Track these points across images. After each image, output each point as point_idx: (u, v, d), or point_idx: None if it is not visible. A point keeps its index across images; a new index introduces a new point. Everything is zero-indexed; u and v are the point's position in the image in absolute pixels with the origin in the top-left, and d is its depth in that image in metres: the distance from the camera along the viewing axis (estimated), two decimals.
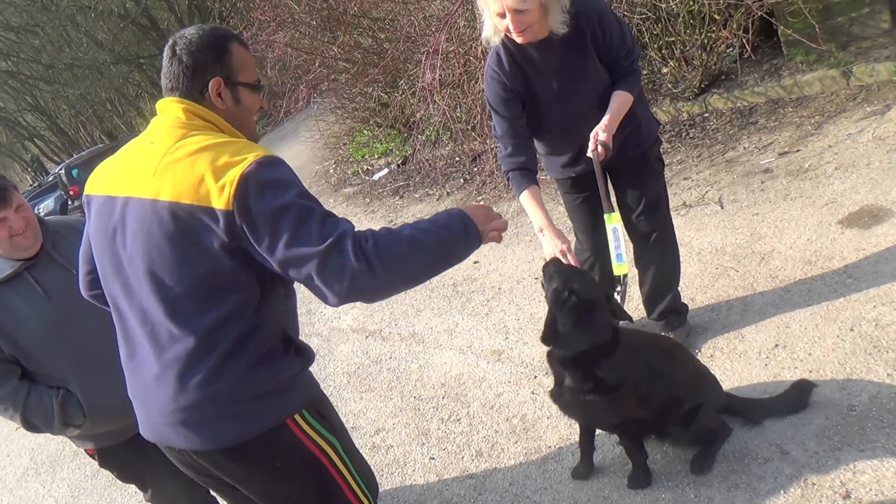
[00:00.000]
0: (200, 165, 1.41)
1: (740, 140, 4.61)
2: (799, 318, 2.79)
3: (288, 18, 8.11)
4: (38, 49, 22.72)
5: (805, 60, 4.83)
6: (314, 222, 1.39)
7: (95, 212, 1.60)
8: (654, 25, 5.23)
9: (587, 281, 2.26)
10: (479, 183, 6.02)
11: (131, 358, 1.59)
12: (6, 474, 4.64)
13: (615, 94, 2.50)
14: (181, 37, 1.57)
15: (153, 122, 1.59)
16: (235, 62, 1.58)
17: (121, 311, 1.59)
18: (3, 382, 2.15)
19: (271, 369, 1.53)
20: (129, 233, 1.50)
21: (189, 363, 1.46)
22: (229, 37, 1.59)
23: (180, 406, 1.48)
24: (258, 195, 1.38)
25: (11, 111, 31.22)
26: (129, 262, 1.51)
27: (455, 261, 1.54)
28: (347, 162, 9.02)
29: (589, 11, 2.42)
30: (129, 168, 1.55)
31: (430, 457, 2.94)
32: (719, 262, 3.41)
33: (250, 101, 1.63)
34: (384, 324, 4.29)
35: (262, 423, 1.52)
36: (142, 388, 1.56)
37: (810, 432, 2.26)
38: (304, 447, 1.59)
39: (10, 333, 2.14)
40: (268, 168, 1.41)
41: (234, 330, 1.48)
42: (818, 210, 3.45)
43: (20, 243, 2.17)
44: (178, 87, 1.56)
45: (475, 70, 5.65)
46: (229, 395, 1.48)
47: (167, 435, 1.54)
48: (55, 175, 17.76)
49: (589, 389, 2.18)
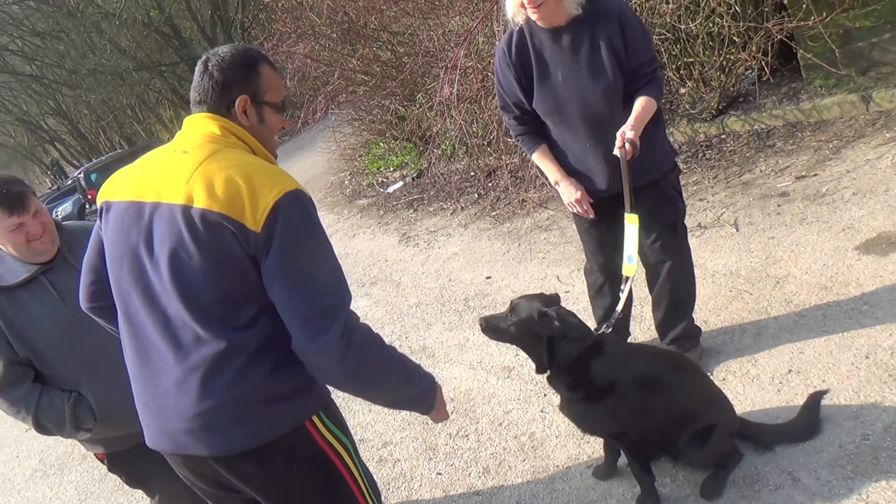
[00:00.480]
0: (237, 181, 1.46)
1: (757, 163, 4.59)
2: (813, 344, 2.76)
3: (309, 30, 8.20)
4: (62, 54, 23.10)
5: (824, 84, 4.82)
6: (322, 275, 1.49)
7: (115, 217, 1.61)
8: (673, 46, 5.23)
9: (527, 309, 2.27)
10: (493, 198, 6.03)
11: (145, 366, 1.59)
12: (15, 475, 4.67)
13: (639, 98, 2.47)
14: (214, 54, 1.63)
15: (182, 134, 1.63)
16: (263, 82, 1.64)
17: (135, 319, 1.59)
18: (17, 385, 2.17)
19: (291, 372, 1.55)
20: (156, 237, 1.52)
21: (214, 367, 1.48)
22: (260, 58, 1.66)
23: (203, 410, 1.49)
24: (286, 228, 1.45)
25: (34, 115, 31.71)
26: (154, 266, 1.52)
27: (400, 400, 1.74)
28: (363, 173, 9.07)
29: (610, 8, 2.44)
30: (159, 175, 1.57)
31: (438, 472, 2.93)
32: (733, 284, 3.38)
33: (273, 121, 1.69)
34: (395, 336, 4.29)
35: (282, 425, 1.55)
36: (158, 395, 1.56)
37: (823, 460, 2.23)
38: (321, 448, 1.61)
39: (26, 336, 2.16)
40: (301, 205, 1.49)
41: (258, 334, 1.51)
42: (835, 235, 3.43)
43: (37, 248, 2.20)
44: (207, 100, 1.61)
45: (492, 86, 5.68)
46: (252, 398, 1.51)
47: (184, 442, 1.54)
48: (74, 179, 17.95)
49: (580, 397, 2.24)
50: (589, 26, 2.47)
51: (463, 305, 4.31)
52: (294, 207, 1.47)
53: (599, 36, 2.46)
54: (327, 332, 1.45)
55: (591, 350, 2.22)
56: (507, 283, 4.38)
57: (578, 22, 2.48)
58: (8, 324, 2.16)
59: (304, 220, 1.49)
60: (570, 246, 4.51)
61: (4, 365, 2.16)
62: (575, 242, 4.45)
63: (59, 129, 33.93)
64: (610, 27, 2.45)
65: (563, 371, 2.23)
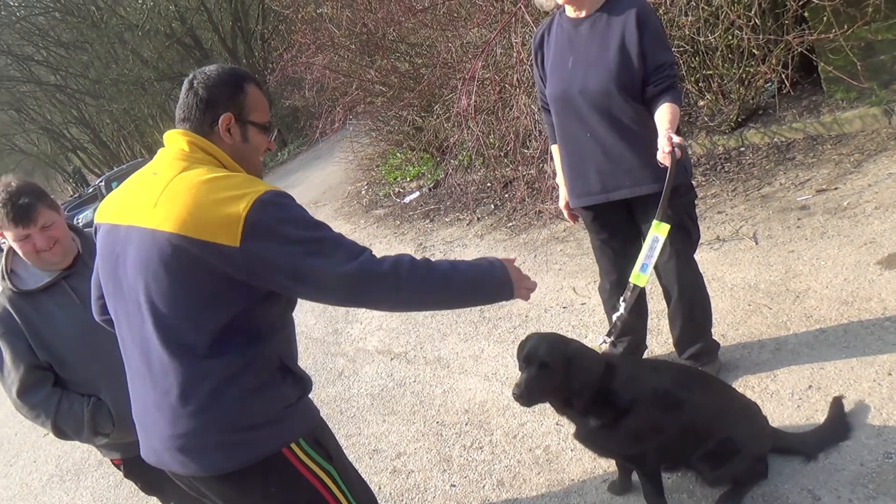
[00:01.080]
0: (201, 199, 1.45)
1: (776, 176, 4.55)
2: (834, 360, 2.72)
3: (328, 42, 8.28)
4: (86, 64, 23.48)
5: (846, 98, 4.77)
6: (326, 247, 1.48)
7: (101, 239, 1.65)
8: (692, 58, 5.22)
9: (549, 342, 2.17)
10: (509, 209, 6.02)
11: (133, 382, 1.63)
12: (32, 480, 4.71)
13: (664, 105, 2.41)
14: (201, 72, 1.63)
15: (159, 154, 1.64)
16: (249, 101, 1.64)
17: (122, 336, 1.63)
18: (38, 389, 2.20)
19: (267, 398, 1.54)
20: (129, 261, 1.53)
21: (182, 393, 1.48)
22: (246, 77, 1.66)
23: (177, 433, 1.50)
24: (269, 230, 1.43)
25: (57, 123, 32.23)
26: (129, 289, 1.54)
27: (476, 303, 1.76)
28: (379, 184, 9.10)
29: (633, 6, 2.45)
30: (133, 198, 1.58)
31: (451, 484, 2.91)
32: (752, 298, 3.35)
33: (258, 141, 1.68)
34: (409, 346, 4.29)
35: (257, 452, 1.53)
36: (143, 412, 1.60)
37: (844, 478, 2.19)
38: (301, 476, 1.59)
39: (47, 340, 2.19)
40: (274, 206, 1.46)
41: (228, 359, 1.49)
42: (856, 249, 3.38)
43: (47, 258, 2.22)
44: (190, 118, 1.61)
45: (510, 97, 5.69)
46: (224, 424, 1.50)
47: (166, 460, 1.56)
48: (95, 187, 18.21)
49: (598, 424, 2.15)
50: (609, 18, 2.50)
51: (478, 316, 4.30)
52: (269, 210, 1.44)
53: (616, 29, 2.48)
54: (375, 283, 1.48)
55: (607, 371, 2.15)
56: None
57: (601, 12, 2.52)
58: (30, 328, 2.19)
59: (286, 217, 1.46)
60: (587, 258, 4.49)
61: (25, 369, 2.18)
62: (591, 254, 4.42)
63: (81, 138, 34.43)
64: (628, 23, 2.45)
65: (584, 396, 2.12)
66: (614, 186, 2.60)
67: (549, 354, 2.07)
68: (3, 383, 2.24)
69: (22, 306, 2.21)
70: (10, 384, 2.21)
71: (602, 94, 2.50)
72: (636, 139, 2.52)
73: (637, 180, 2.56)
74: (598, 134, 2.56)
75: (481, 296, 1.69)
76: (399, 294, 1.51)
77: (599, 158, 2.59)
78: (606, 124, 2.54)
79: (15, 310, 2.20)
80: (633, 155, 2.53)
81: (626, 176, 2.57)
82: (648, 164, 2.48)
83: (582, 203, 2.74)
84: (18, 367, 2.19)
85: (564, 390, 2.09)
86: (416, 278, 1.52)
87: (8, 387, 2.21)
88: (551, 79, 2.67)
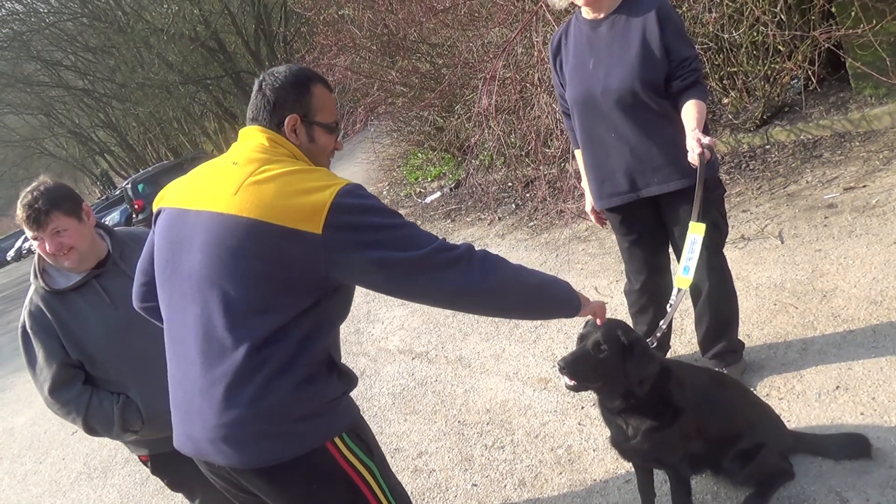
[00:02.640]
0: (286, 188, 1.48)
1: (803, 174, 4.48)
2: (862, 361, 2.67)
3: (349, 43, 8.31)
4: (112, 69, 23.85)
5: (874, 94, 4.68)
6: (408, 235, 1.52)
7: (165, 222, 1.66)
8: (716, 56, 5.15)
9: (619, 329, 2.06)
10: (530, 209, 6.00)
11: (176, 370, 1.62)
12: (61, 477, 4.79)
13: (689, 102, 2.39)
14: (270, 73, 1.68)
15: (235, 146, 1.67)
16: (315, 102, 1.67)
17: (174, 322, 1.62)
18: (69, 387, 2.24)
19: (316, 391, 1.55)
20: (197, 245, 1.54)
21: (238, 380, 1.48)
22: (313, 78, 1.69)
23: (224, 422, 1.49)
24: (352, 219, 1.47)
25: (85, 127, 32.85)
26: (193, 273, 1.55)
27: (543, 311, 1.79)
28: (401, 184, 9.13)
29: (653, 3, 2.43)
30: (209, 184, 1.60)
31: (473, 483, 2.91)
32: (778, 297, 3.30)
33: (324, 141, 1.71)
34: (431, 346, 4.29)
35: (302, 445, 1.53)
36: (186, 400, 1.58)
37: (872, 481, 2.15)
38: (342, 470, 1.59)
39: (78, 338, 2.22)
40: (357, 196, 1.50)
41: (284, 349, 1.50)
42: (885, 248, 3.31)
43: (61, 262, 2.24)
44: (258, 118, 1.66)
45: (531, 97, 5.67)
46: (273, 415, 1.50)
47: (206, 450, 1.55)
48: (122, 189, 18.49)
49: (653, 426, 2.07)
50: (628, 18, 2.48)
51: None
52: (352, 200, 1.48)
53: (637, 28, 2.46)
54: (451, 266, 1.51)
55: (664, 371, 2.08)
56: None
57: (619, 13, 2.50)
58: (62, 326, 2.23)
59: (367, 206, 1.50)
60: (609, 257, 4.46)
61: (58, 366, 2.22)
62: (614, 254, 4.39)
63: (108, 141, 35.05)
64: (648, 21, 2.44)
65: (641, 393, 2.01)
66: (644, 184, 2.58)
67: (605, 336, 1.97)
68: (35, 380, 2.28)
69: (54, 305, 2.24)
70: (42, 381, 2.24)
71: (625, 93, 2.48)
72: (662, 136, 2.50)
73: (665, 177, 2.54)
74: (624, 133, 2.54)
75: (548, 302, 1.74)
76: (471, 278, 1.53)
77: (626, 157, 2.57)
78: (631, 123, 2.52)
79: (48, 308, 2.23)
80: (660, 152, 2.51)
81: (654, 173, 2.55)
82: (676, 160, 2.46)
83: (611, 204, 2.71)
84: (51, 364, 2.22)
85: (618, 381, 1.99)
86: (489, 265, 1.56)
87: (40, 384, 2.25)
88: (572, 82, 2.64)
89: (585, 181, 2.82)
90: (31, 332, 2.24)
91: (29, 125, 34.03)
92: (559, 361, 1.94)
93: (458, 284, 1.53)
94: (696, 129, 2.31)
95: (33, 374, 2.27)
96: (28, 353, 2.26)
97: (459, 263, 1.52)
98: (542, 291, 1.71)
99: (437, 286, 1.52)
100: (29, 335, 2.25)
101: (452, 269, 1.52)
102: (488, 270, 1.56)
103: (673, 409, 2.08)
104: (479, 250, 1.58)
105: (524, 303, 1.68)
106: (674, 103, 2.47)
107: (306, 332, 1.53)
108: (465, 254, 1.54)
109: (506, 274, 1.60)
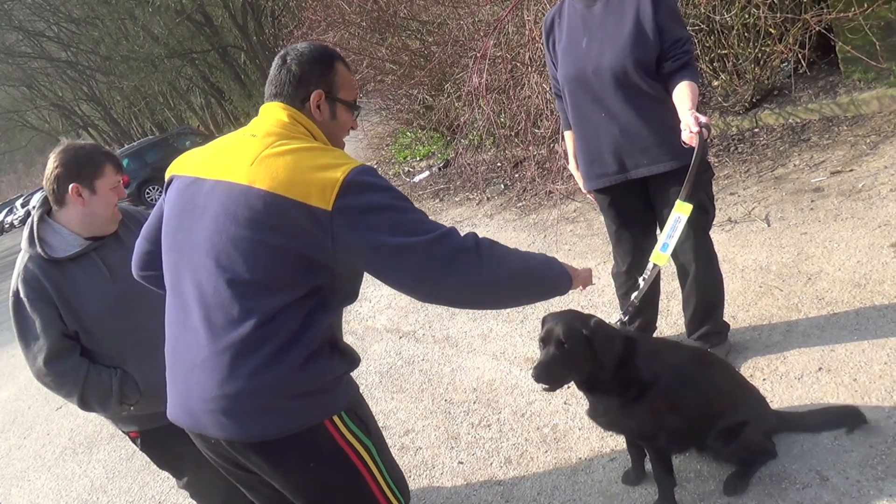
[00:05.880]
0: (301, 163, 1.49)
1: (791, 157, 4.50)
2: (845, 343, 2.71)
3: (338, 19, 8.22)
4: (96, 41, 23.48)
5: (863, 78, 4.70)
6: (416, 220, 1.51)
7: (177, 190, 1.65)
8: (707, 38, 5.14)
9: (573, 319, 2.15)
10: (519, 189, 6.00)
11: (179, 339, 1.61)
12: (45, 452, 4.78)
13: (682, 83, 2.39)
14: (293, 48, 1.68)
15: (255, 121, 1.67)
16: (339, 79, 1.70)
17: (179, 291, 1.61)
18: (66, 357, 2.19)
19: (318, 368, 1.55)
20: (209, 214, 1.54)
21: (243, 351, 1.48)
22: (335, 56, 1.71)
23: (225, 393, 1.49)
24: (361, 198, 1.47)
25: (68, 100, 32.35)
26: (202, 242, 1.54)
27: (542, 296, 1.78)
28: (389, 163, 9.09)
29: None
30: (225, 155, 1.60)
31: (459, 461, 2.93)
32: (763, 280, 3.33)
33: (344, 119, 1.74)
34: (418, 325, 4.30)
35: (301, 421, 1.53)
36: (185, 370, 1.57)
37: (853, 460, 2.19)
38: (340, 448, 1.60)
39: (76, 309, 2.19)
40: (369, 176, 1.51)
41: (291, 324, 1.50)
42: (870, 232, 3.35)
43: (116, 216, 2.29)
44: (283, 93, 1.66)
45: (521, 76, 5.64)
46: (275, 389, 1.50)
47: (203, 422, 1.55)
48: None
49: (620, 401, 2.14)
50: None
51: None
52: (363, 180, 1.48)
53: (631, 7, 2.45)
54: (454, 252, 1.50)
55: (628, 346, 2.13)
56: None
57: None
58: (60, 295, 2.18)
59: (377, 185, 1.50)
60: (597, 238, 4.47)
61: (56, 336, 2.17)
62: (602, 235, 4.41)
63: (92, 115, 34.57)
64: (643, 1, 2.43)
65: (607, 372, 2.08)
66: (632, 165, 2.58)
67: (566, 333, 2.05)
68: (26, 351, 2.21)
69: (52, 273, 2.19)
70: (36, 351, 2.18)
71: (617, 72, 2.47)
72: (652, 116, 2.49)
73: (654, 158, 2.54)
74: (614, 113, 2.53)
75: (546, 287, 1.75)
76: (481, 268, 1.53)
77: (616, 137, 2.56)
78: (622, 102, 2.51)
79: (45, 276, 2.18)
80: (650, 132, 2.51)
81: (643, 154, 2.55)
82: (666, 141, 2.47)
83: (599, 185, 2.70)
84: (49, 333, 2.17)
85: (585, 368, 2.07)
86: (496, 257, 1.56)
87: (34, 354, 2.19)
88: (564, 59, 2.63)
89: (573, 163, 2.83)
90: (27, 300, 2.18)
91: (10, 97, 33.46)
92: (531, 374, 2.02)
93: (462, 274, 1.52)
94: (691, 108, 2.30)
95: (24, 343, 2.20)
96: (21, 322, 2.20)
97: (466, 253, 1.52)
98: (540, 277, 1.71)
99: (440, 274, 1.51)
100: (23, 303, 2.18)
101: (458, 259, 1.51)
102: (495, 261, 1.56)
103: (639, 383, 2.12)
104: (483, 239, 1.57)
105: (524, 293, 1.70)
106: (665, 85, 2.46)
107: (314, 309, 1.53)
108: (471, 244, 1.53)
109: (511, 266, 1.60)
